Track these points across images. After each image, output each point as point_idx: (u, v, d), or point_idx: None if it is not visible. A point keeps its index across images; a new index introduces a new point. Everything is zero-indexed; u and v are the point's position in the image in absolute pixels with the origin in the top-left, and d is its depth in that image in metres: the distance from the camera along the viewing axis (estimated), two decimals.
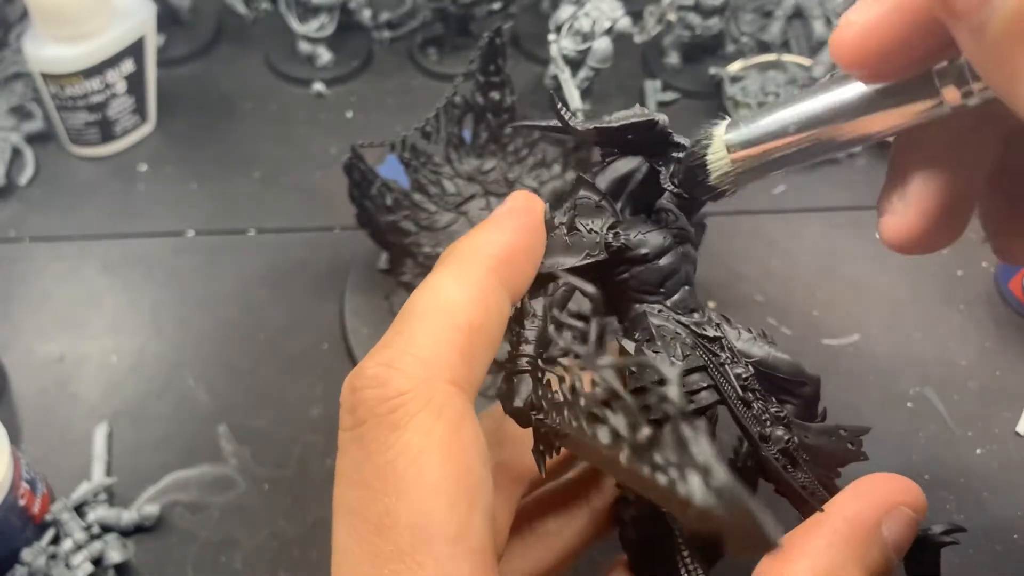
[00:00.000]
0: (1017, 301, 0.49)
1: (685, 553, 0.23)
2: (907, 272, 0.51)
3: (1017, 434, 0.44)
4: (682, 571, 0.23)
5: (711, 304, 0.49)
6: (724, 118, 0.22)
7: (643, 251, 0.22)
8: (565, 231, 0.22)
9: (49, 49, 0.51)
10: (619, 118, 0.22)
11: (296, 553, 0.39)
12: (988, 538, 0.40)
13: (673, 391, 0.14)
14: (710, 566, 0.23)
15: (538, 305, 0.22)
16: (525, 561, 0.26)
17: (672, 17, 0.61)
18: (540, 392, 0.20)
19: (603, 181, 0.23)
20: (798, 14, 0.64)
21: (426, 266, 0.43)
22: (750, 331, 0.23)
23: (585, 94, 0.55)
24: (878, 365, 0.46)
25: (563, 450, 0.20)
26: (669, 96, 0.61)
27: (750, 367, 0.22)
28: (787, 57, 0.62)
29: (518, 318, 0.21)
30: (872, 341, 0.47)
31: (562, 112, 0.22)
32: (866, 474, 0.21)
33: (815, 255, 0.52)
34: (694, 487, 0.13)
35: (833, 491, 0.22)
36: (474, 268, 0.20)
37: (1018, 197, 0.20)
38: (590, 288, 0.20)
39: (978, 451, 0.43)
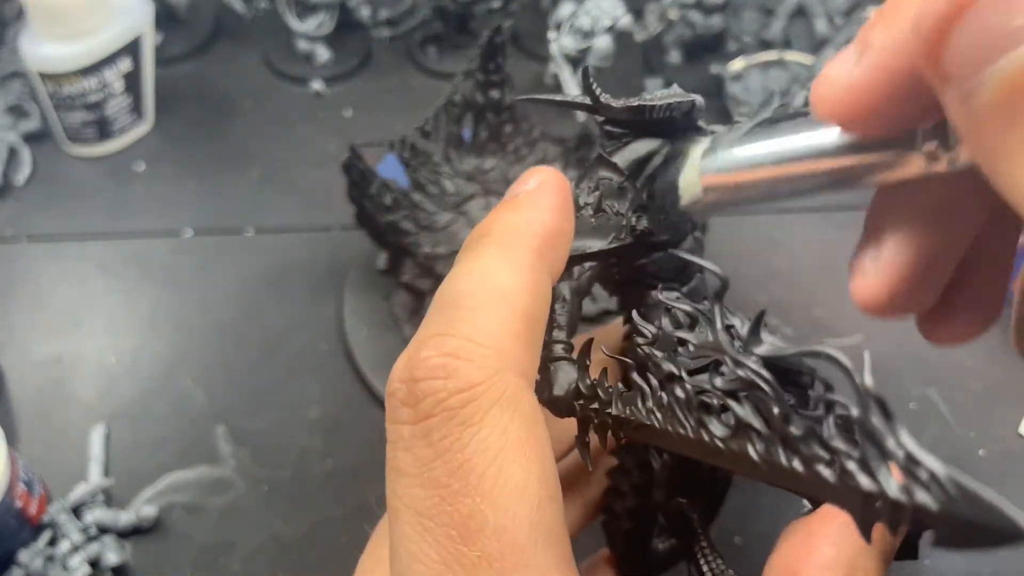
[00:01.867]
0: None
1: (704, 543, 0.23)
2: None
3: (1020, 435, 0.43)
4: (701, 562, 0.23)
5: None
6: (707, 133, 0.21)
7: (665, 236, 0.21)
8: (591, 212, 0.21)
9: (46, 48, 0.50)
10: (660, 96, 0.21)
11: (295, 555, 0.39)
12: None
13: (865, 379, 0.13)
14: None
15: (566, 288, 0.21)
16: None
17: (673, 15, 0.61)
18: (589, 380, 0.19)
19: (622, 161, 0.22)
20: (800, 12, 0.64)
21: (425, 266, 0.43)
22: (746, 321, 0.23)
23: (582, 74, 0.55)
24: (881, 365, 0.46)
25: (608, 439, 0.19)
26: None
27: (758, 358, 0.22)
28: (789, 55, 0.62)
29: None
30: (874, 341, 0.47)
31: (593, 87, 0.21)
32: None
33: (817, 255, 0.52)
34: (887, 481, 0.13)
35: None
36: (522, 252, 0.19)
37: (965, 275, 0.19)
38: (719, 271, 0.19)
39: (981, 452, 0.43)
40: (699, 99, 0.21)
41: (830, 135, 0.17)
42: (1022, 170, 0.13)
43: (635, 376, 0.18)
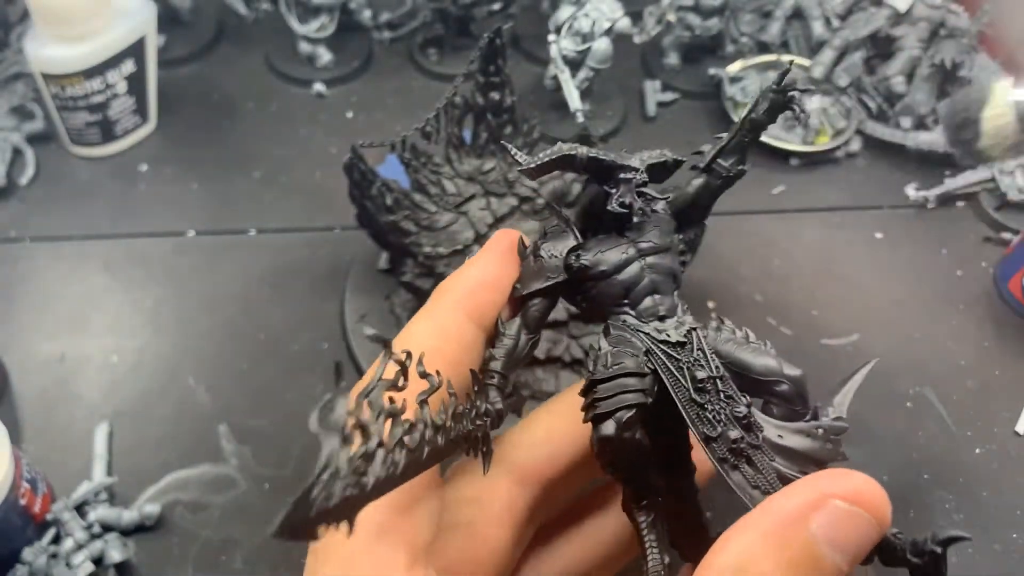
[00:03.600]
0: (1016, 301, 0.49)
1: (647, 544, 0.24)
2: (907, 272, 0.51)
3: (1016, 433, 0.44)
4: (643, 564, 0.24)
5: (710, 304, 0.49)
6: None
7: (601, 268, 0.24)
8: (532, 259, 0.25)
9: (50, 49, 0.51)
10: (541, 157, 0.24)
11: (297, 553, 0.39)
12: (987, 537, 0.40)
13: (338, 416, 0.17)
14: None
15: (512, 326, 0.24)
16: (568, 558, 0.28)
17: (672, 17, 0.61)
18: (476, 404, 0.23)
19: (579, 205, 0.26)
20: (797, 14, 0.64)
21: (426, 266, 0.43)
22: (734, 332, 0.24)
23: (585, 95, 0.56)
24: (878, 365, 0.46)
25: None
26: (668, 96, 0.61)
27: (720, 369, 0.23)
28: (787, 58, 0.62)
29: (490, 340, 0.25)
30: (871, 341, 0.47)
31: (511, 151, 0.24)
32: (839, 469, 0.21)
33: (815, 255, 0.52)
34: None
35: None
36: (442, 303, 0.24)
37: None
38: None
39: (977, 450, 0.43)
40: (581, 150, 0.24)
41: None
42: None
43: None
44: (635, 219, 0.25)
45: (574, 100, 0.55)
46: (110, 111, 0.55)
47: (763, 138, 0.57)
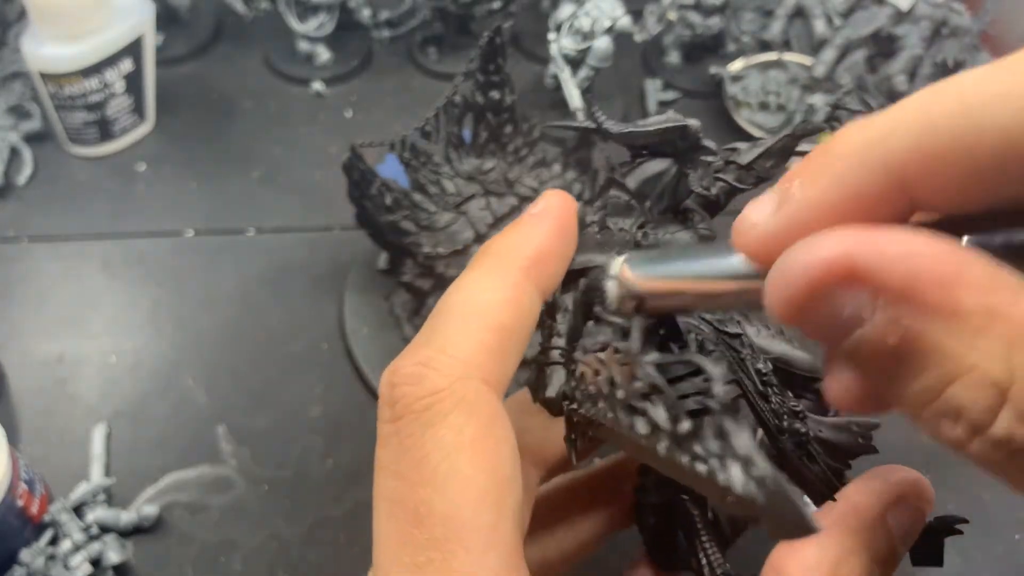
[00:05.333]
0: None
1: (704, 538, 0.24)
2: None
3: None
4: (700, 555, 0.24)
5: None
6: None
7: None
8: (597, 229, 0.23)
9: (47, 48, 0.51)
10: (653, 122, 0.22)
11: (295, 554, 0.39)
12: (989, 538, 0.39)
13: (719, 388, 0.15)
14: (725, 548, 0.24)
15: (569, 299, 0.22)
16: (547, 548, 0.27)
17: (672, 16, 0.61)
18: (573, 383, 0.21)
19: (633, 181, 0.24)
20: (799, 13, 0.64)
21: (426, 266, 0.43)
22: (768, 327, 0.24)
23: (585, 93, 0.55)
24: None
25: (591, 438, 0.21)
26: (670, 95, 0.61)
27: (768, 363, 0.23)
28: (788, 56, 0.62)
29: (550, 312, 0.22)
30: None
31: (596, 115, 0.23)
32: (876, 466, 0.21)
33: None
34: (734, 476, 0.14)
35: (844, 482, 0.22)
36: (508, 269, 0.21)
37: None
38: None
39: None
40: (694, 123, 0.22)
41: (736, 262, 0.18)
42: (901, 406, 0.15)
43: (598, 379, 0.20)
44: (693, 205, 0.24)
45: (574, 99, 0.54)
46: (108, 110, 0.54)
47: (763, 137, 0.57)
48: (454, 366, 0.19)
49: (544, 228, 0.22)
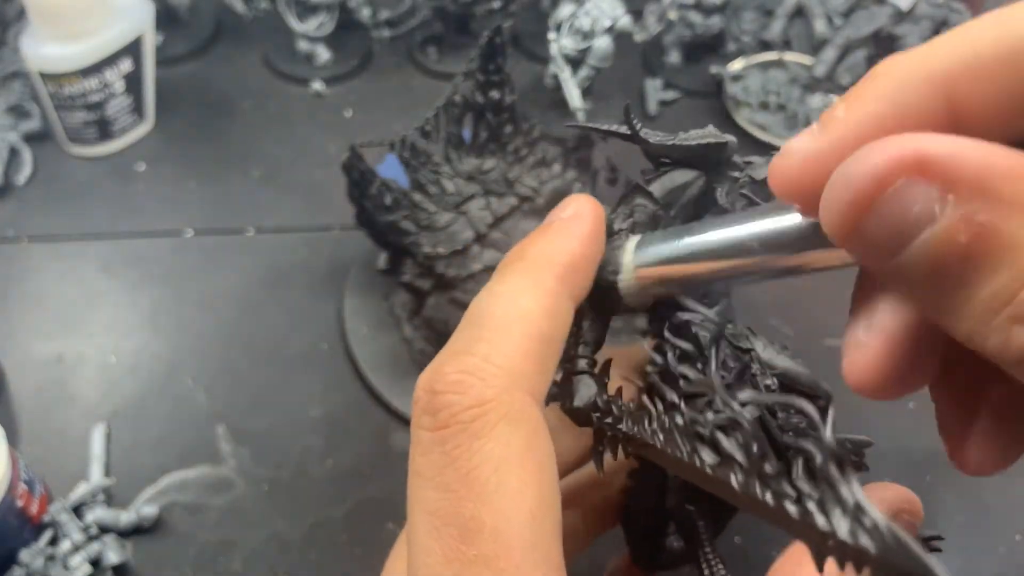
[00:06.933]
0: None
1: (708, 549, 0.24)
2: None
3: None
4: (704, 567, 0.24)
5: None
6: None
7: None
8: (625, 238, 0.23)
9: (47, 48, 0.51)
10: (695, 136, 0.22)
11: (295, 554, 0.39)
12: (989, 538, 0.39)
13: (826, 434, 0.15)
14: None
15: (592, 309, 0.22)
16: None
17: (673, 15, 0.61)
18: (606, 396, 0.21)
19: (659, 189, 0.23)
20: (799, 13, 0.64)
21: (426, 266, 0.43)
22: (772, 342, 0.24)
23: (586, 93, 0.55)
24: None
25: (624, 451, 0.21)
26: (670, 95, 0.61)
27: (775, 379, 0.23)
28: (788, 56, 0.62)
29: (577, 319, 0.22)
30: None
31: (634, 122, 0.22)
32: (867, 483, 0.21)
33: None
34: (838, 523, 0.15)
35: None
36: (544, 276, 0.20)
37: (969, 390, 0.18)
38: (711, 314, 0.20)
39: None
40: (732, 140, 0.22)
41: (786, 219, 0.18)
42: (963, 323, 0.14)
43: (644, 398, 0.20)
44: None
45: (574, 99, 0.54)
46: (107, 110, 0.54)
47: (764, 137, 0.57)
48: (500, 376, 0.18)
49: (577, 234, 0.21)
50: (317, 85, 0.61)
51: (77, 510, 0.38)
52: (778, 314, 0.48)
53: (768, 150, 0.24)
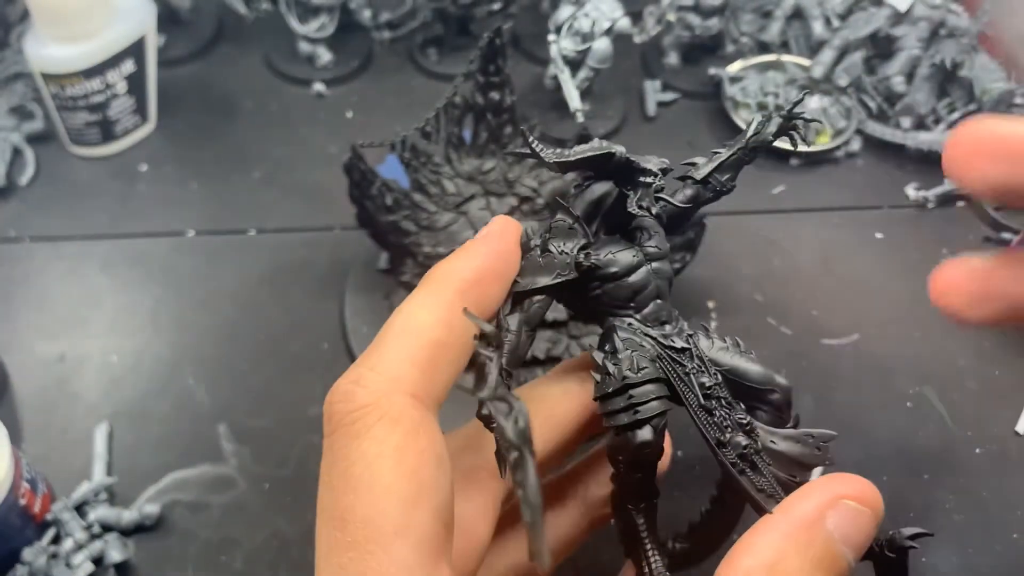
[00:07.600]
0: None
1: (648, 546, 0.25)
2: (907, 272, 0.51)
3: (1016, 433, 0.44)
4: (643, 564, 0.25)
5: (710, 304, 0.49)
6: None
7: (612, 269, 0.24)
8: (539, 253, 0.24)
9: (50, 49, 0.51)
10: (577, 152, 0.23)
11: (296, 552, 0.39)
12: (988, 538, 0.40)
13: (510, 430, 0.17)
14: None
15: (513, 320, 0.24)
16: (519, 553, 0.27)
17: (671, 17, 0.61)
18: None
19: (580, 204, 0.25)
20: (797, 14, 0.64)
21: (426, 266, 0.43)
22: (724, 340, 0.25)
23: (585, 94, 0.56)
24: (877, 365, 0.47)
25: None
26: (669, 96, 0.61)
27: (718, 375, 0.24)
28: (786, 57, 0.62)
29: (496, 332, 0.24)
30: (871, 341, 0.47)
31: (532, 143, 0.24)
32: (856, 477, 0.21)
33: (815, 255, 0.52)
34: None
35: None
36: (443, 291, 0.23)
37: None
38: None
39: (977, 450, 0.43)
40: (619, 149, 0.24)
41: None
42: None
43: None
44: (644, 223, 0.25)
45: (574, 100, 0.55)
46: (110, 111, 0.54)
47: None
48: (380, 382, 0.21)
49: (483, 251, 0.23)
50: (318, 86, 0.61)
51: (79, 509, 0.39)
52: (775, 314, 0.49)
53: (766, 150, 0.25)
